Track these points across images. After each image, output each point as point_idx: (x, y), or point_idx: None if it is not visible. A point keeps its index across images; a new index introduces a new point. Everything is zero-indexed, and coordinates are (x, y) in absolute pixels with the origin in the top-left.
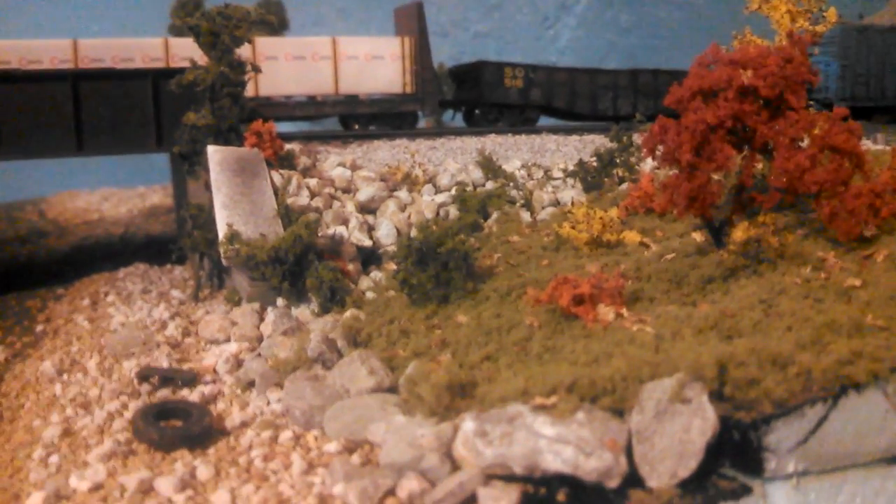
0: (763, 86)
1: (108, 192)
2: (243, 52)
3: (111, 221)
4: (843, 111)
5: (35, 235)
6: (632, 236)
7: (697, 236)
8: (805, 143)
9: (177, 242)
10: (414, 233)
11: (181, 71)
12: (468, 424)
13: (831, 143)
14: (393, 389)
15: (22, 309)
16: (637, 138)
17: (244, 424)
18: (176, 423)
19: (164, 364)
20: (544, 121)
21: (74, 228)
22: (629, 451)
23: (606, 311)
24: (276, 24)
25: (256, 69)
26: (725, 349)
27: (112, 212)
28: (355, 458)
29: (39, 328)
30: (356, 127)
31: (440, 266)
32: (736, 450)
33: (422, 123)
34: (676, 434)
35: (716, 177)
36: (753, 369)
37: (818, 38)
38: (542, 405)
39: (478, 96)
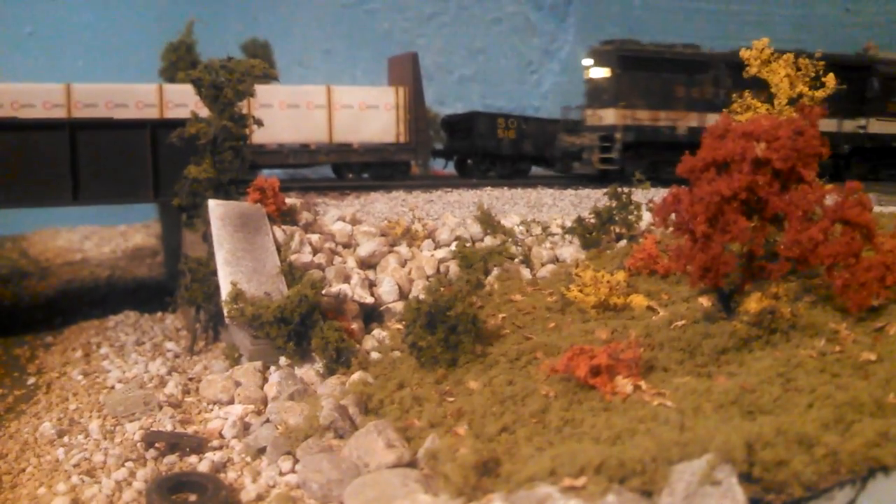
0: (776, 159)
1: (89, 231)
2: None
3: (95, 263)
4: (856, 185)
5: (17, 276)
6: (639, 300)
7: (704, 301)
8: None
9: (172, 294)
10: (416, 290)
11: (179, 122)
12: None
13: (843, 217)
14: (412, 464)
15: (10, 358)
16: (634, 195)
17: (259, 497)
18: (190, 496)
19: (168, 427)
20: (538, 173)
21: (57, 269)
22: None
23: (624, 383)
24: (279, 78)
25: (258, 123)
26: (752, 429)
27: (95, 252)
28: None
29: (31, 381)
30: (350, 176)
31: (449, 329)
32: None
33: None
34: None
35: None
36: (781, 450)
37: (823, 107)
38: (571, 487)
39: (470, 146)
